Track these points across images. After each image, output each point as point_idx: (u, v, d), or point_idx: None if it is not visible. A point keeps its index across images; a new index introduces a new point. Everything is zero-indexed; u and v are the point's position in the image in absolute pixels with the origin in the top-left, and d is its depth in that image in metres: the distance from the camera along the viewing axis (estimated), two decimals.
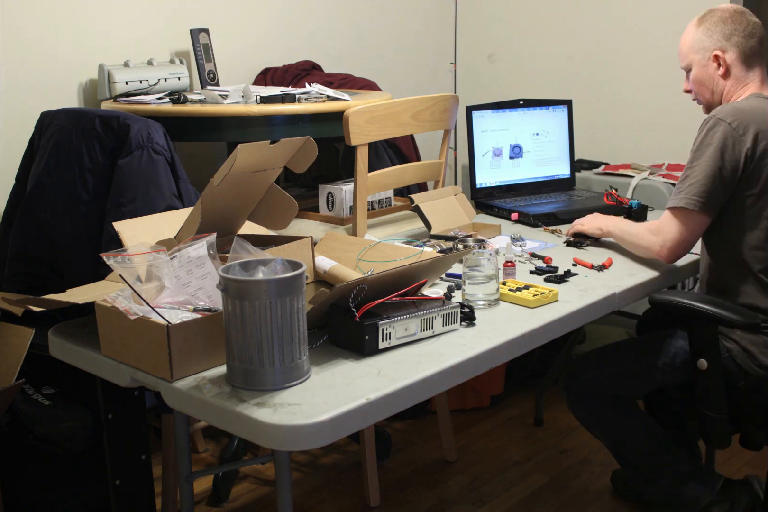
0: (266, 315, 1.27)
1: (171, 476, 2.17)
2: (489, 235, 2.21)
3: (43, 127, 2.14)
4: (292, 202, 1.80)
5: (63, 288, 1.60)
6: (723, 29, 1.90)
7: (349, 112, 2.06)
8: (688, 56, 1.96)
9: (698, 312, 1.80)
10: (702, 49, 1.92)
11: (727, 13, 1.91)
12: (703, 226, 1.85)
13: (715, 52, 1.90)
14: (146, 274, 1.43)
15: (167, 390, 1.37)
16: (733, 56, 1.90)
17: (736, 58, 1.90)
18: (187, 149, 2.72)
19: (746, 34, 1.89)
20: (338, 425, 1.24)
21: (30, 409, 1.89)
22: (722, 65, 1.90)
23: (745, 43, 1.89)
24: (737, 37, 1.89)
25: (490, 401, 2.93)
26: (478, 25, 3.66)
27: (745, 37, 1.89)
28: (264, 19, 2.99)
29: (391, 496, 2.40)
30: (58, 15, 2.44)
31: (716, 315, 1.78)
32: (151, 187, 1.99)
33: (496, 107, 2.61)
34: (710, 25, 1.91)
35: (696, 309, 1.80)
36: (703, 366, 1.82)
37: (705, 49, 1.92)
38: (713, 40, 1.90)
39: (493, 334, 1.54)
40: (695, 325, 1.84)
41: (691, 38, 1.94)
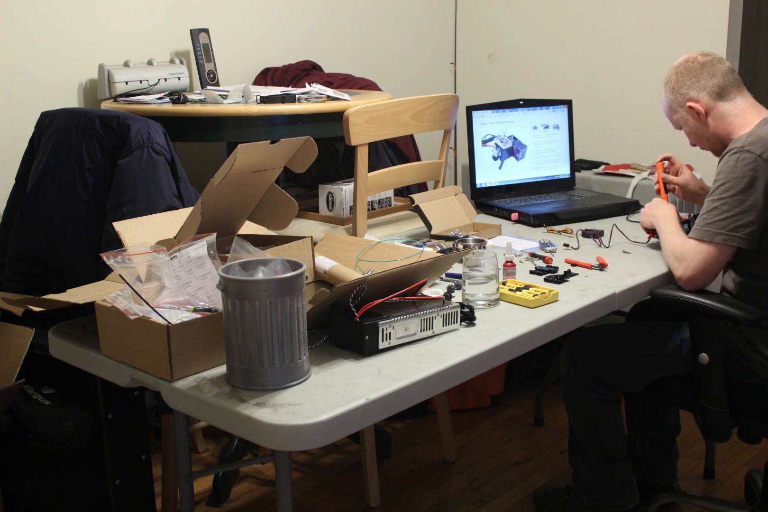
0: (266, 315, 1.27)
1: (171, 476, 2.17)
2: (489, 235, 2.21)
3: (43, 127, 2.14)
4: (292, 202, 1.80)
5: (63, 288, 1.60)
6: (684, 82, 1.96)
7: (349, 112, 2.06)
8: (672, 118, 2.04)
9: (700, 307, 1.81)
10: (677, 107, 1.99)
11: (681, 66, 1.98)
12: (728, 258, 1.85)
13: (687, 104, 1.95)
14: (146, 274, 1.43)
15: (167, 390, 1.36)
16: (706, 99, 1.94)
17: (709, 100, 1.94)
18: (187, 149, 2.72)
19: (707, 76, 1.94)
20: (338, 425, 1.24)
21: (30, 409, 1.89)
22: (699, 113, 1.94)
23: (709, 84, 1.93)
24: (699, 82, 1.94)
25: (490, 401, 2.93)
26: (478, 25, 3.66)
27: (708, 79, 1.94)
28: (264, 19, 2.99)
29: (391, 496, 2.40)
30: (59, 15, 2.44)
31: (718, 310, 1.79)
32: (151, 187, 1.99)
33: (496, 107, 2.61)
34: (673, 84, 1.99)
35: (698, 304, 1.81)
36: (705, 361, 1.83)
37: (679, 106, 1.99)
38: (680, 95, 1.97)
39: (493, 334, 1.54)
40: (697, 320, 1.85)
41: (665, 102, 2.03)
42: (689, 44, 3.10)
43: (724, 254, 1.82)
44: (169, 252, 1.44)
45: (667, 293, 1.86)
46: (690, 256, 1.83)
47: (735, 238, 1.79)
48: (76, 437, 1.84)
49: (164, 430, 2.14)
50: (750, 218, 1.79)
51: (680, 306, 1.87)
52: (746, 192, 1.79)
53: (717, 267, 1.83)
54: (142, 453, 1.90)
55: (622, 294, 1.81)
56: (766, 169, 1.79)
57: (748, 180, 1.79)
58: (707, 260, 1.82)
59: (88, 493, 1.94)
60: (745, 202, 1.79)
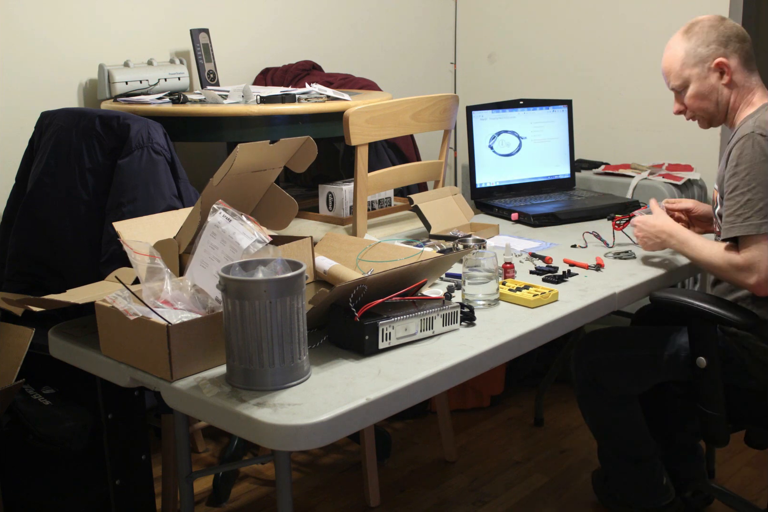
0: (266, 315, 1.27)
1: (171, 476, 2.17)
2: (487, 235, 2.21)
3: (43, 127, 2.14)
4: (292, 202, 1.80)
5: (63, 288, 1.60)
6: (717, 37, 1.82)
7: (349, 112, 2.06)
8: (683, 72, 1.87)
9: (698, 311, 1.80)
10: (700, 61, 1.84)
11: (714, 20, 1.85)
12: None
13: (717, 60, 1.82)
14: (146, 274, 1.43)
15: (167, 390, 1.37)
16: (735, 62, 1.83)
17: (738, 64, 1.83)
18: (187, 149, 2.72)
19: (740, 39, 1.83)
20: (338, 425, 1.24)
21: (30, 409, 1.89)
22: (726, 73, 1.83)
23: (741, 48, 1.83)
24: (734, 42, 1.82)
25: (490, 401, 2.93)
26: (478, 25, 3.66)
27: (740, 41, 1.83)
28: (264, 19, 2.99)
29: (391, 496, 2.40)
30: (58, 15, 2.44)
31: (716, 315, 1.78)
32: (151, 187, 1.99)
33: (496, 107, 2.61)
34: (702, 35, 1.83)
35: (696, 308, 1.80)
36: (702, 365, 1.83)
37: (703, 59, 1.84)
38: (710, 48, 1.82)
39: (493, 334, 1.54)
40: (695, 324, 1.85)
41: (683, 53, 1.86)
42: None
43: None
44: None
45: (665, 296, 1.85)
46: (751, 258, 1.70)
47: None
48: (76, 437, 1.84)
49: (164, 430, 2.14)
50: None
51: (677, 309, 1.86)
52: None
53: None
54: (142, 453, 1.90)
55: (621, 294, 1.81)
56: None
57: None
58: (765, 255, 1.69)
59: (88, 493, 1.94)
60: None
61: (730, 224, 1.74)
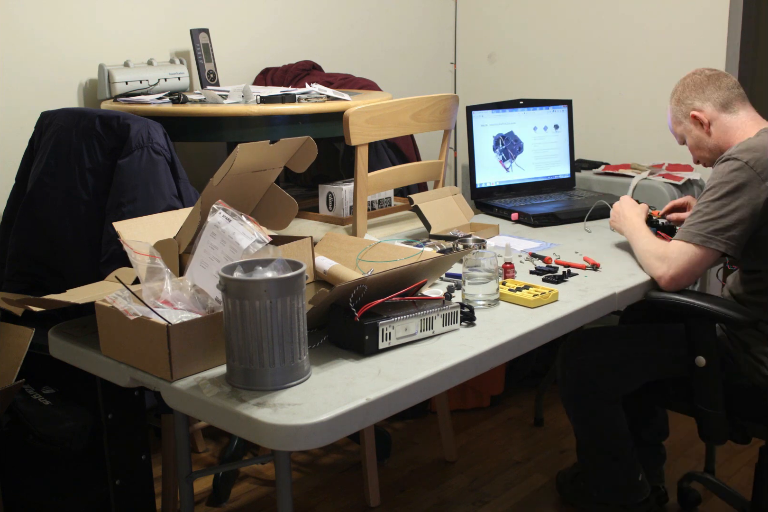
0: (266, 315, 1.27)
1: (171, 476, 2.17)
2: (487, 235, 2.21)
3: (43, 127, 2.14)
4: (292, 202, 1.80)
5: (63, 288, 1.60)
6: (690, 93, 1.97)
7: (349, 112, 2.06)
8: (676, 130, 2.04)
9: (697, 310, 1.81)
10: (682, 118, 2.00)
11: (688, 79, 2.00)
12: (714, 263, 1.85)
13: (691, 113, 1.96)
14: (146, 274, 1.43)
15: (167, 390, 1.37)
16: (710, 109, 1.95)
17: (713, 110, 1.95)
18: (187, 149, 2.72)
19: (713, 89, 1.96)
20: (338, 425, 1.24)
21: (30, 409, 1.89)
22: (703, 123, 1.95)
23: (715, 96, 1.95)
24: (704, 93, 1.96)
25: (490, 401, 2.93)
26: (478, 25, 3.66)
27: (713, 91, 1.95)
28: (264, 19, 2.99)
29: (391, 496, 2.40)
30: (58, 15, 2.44)
31: (715, 313, 1.80)
32: (151, 187, 1.99)
33: (496, 107, 2.61)
34: (678, 95, 2.00)
35: (695, 307, 1.81)
36: (701, 364, 1.84)
37: (683, 116, 2.00)
38: (686, 105, 1.98)
39: (493, 334, 1.54)
40: (693, 323, 1.85)
41: (671, 114, 2.04)
42: (689, 45, 3.10)
43: (707, 256, 1.80)
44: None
45: (662, 296, 1.86)
46: (674, 256, 1.82)
47: (713, 241, 1.79)
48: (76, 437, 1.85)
49: (164, 430, 2.14)
50: (729, 222, 1.78)
51: (676, 309, 1.87)
52: (729, 196, 1.79)
53: (699, 269, 1.82)
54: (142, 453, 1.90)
55: (622, 294, 1.81)
56: (752, 176, 1.78)
57: (733, 186, 1.79)
58: (691, 261, 1.80)
59: (88, 493, 1.94)
60: (727, 206, 1.79)
61: (681, 227, 1.87)
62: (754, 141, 1.85)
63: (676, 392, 1.99)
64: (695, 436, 2.01)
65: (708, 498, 2.32)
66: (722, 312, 1.80)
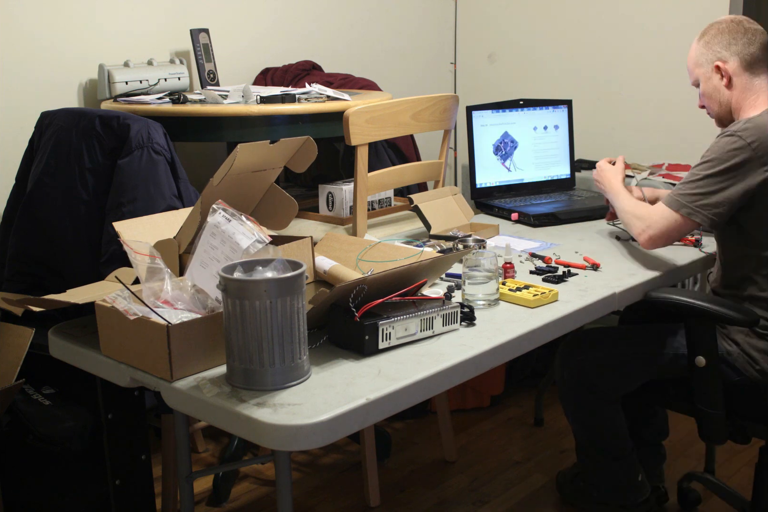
0: (266, 315, 1.27)
1: (171, 476, 2.17)
2: (487, 236, 2.21)
3: (43, 127, 2.14)
4: (292, 202, 1.80)
5: (63, 289, 1.60)
6: (721, 40, 1.91)
7: (349, 112, 2.06)
8: (694, 72, 1.98)
9: (697, 310, 1.81)
10: (704, 63, 1.94)
11: (724, 24, 1.93)
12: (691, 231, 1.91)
13: (715, 63, 1.91)
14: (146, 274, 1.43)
15: (167, 390, 1.37)
16: (735, 65, 1.89)
17: (737, 66, 1.89)
18: (187, 149, 2.72)
19: (745, 42, 1.89)
20: (338, 425, 1.24)
21: (30, 409, 1.89)
22: (724, 75, 1.90)
23: (745, 51, 1.89)
24: (736, 45, 1.89)
25: (490, 401, 2.93)
26: (478, 25, 3.66)
27: (745, 45, 1.89)
28: (264, 19, 2.99)
29: (391, 496, 2.40)
30: (59, 15, 2.44)
31: (716, 313, 1.80)
32: (151, 187, 1.99)
33: (496, 107, 2.61)
34: (709, 38, 1.93)
35: (695, 307, 1.81)
36: (701, 364, 1.84)
37: (706, 62, 1.93)
38: (713, 51, 1.91)
39: (493, 334, 1.54)
40: (693, 323, 1.85)
41: (693, 54, 1.97)
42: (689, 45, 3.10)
43: (687, 226, 1.85)
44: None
45: (662, 296, 1.86)
46: (655, 218, 1.87)
47: (699, 215, 1.81)
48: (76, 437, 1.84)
49: (164, 430, 2.14)
50: (719, 200, 1.80)
51: (676, 309, 1.87)
52: (723, 174, 1.80)
53: (677, 235, 1.88)
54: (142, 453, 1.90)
55: (622, 294, 1.81)
56: (752, 158, 1.78)
57: (729, 164, 1.80)
58: (670, 226, 1.85)
59: (88, 493, 1.94)
60: (721, 183, 1.80)
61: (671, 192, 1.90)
62: (762, 119, 1.83)
63: (676, 392, 1.99)
64: (695, 436, 2.01)
65: (708, 498, 2.32)
66: (722, 312, 1.80)
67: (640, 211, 1.93)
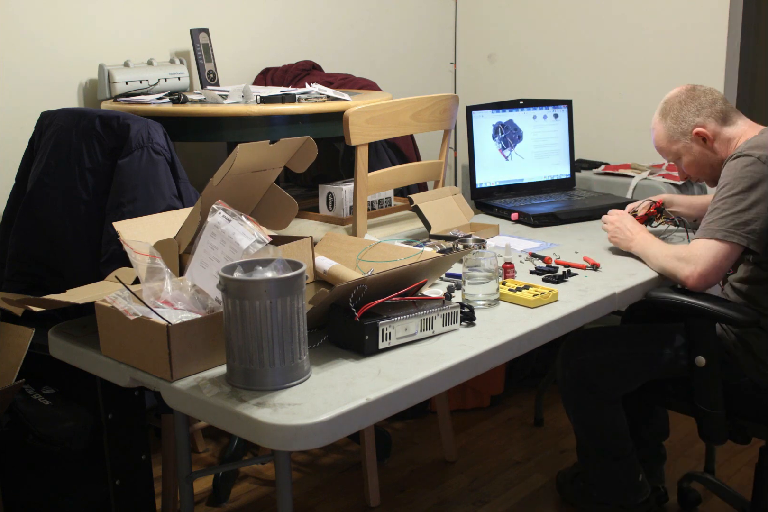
0: (266, 315, 1.27)
1: (171, 476, 2.17)
2: (487, 236, 2.21)
3: (43, 127, 2.14)
4: (292, 202, 1.80)
5: (63, 289, 1.60)
6: (689, 110, 1.95)
7: (349, 112, 2.06)
8: (672, 148, 2.00)
9: (696, 310, 1.81)
10: (681, 136, 1.97)
11: (683, 95, 1.98)
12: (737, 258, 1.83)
13: (695, 130, 1.94)
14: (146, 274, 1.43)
15: (167, 390, 1.37)
16: (713, 125, 1.94)
17: (716, 126, 1.94)
18: (187, 149, 2.72)
19: (709, 102, 1.95)
20: (338, 425, 1.24)
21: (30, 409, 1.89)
22: (707, 139, 1.94)
23: (714, 109, 1.94)
24: (705, 109, 1.95)
25: (490, 401, 2.93)
26: (478, 25, 3.66)
27: (710, 105, 1.95)
28: (264, 19, 2.99)
29: (391, 496, 2.40)
30: (59, 15, 2.44)
31: (716, 313, 1.80)
32: (151, 187, 1.99)
33: (496, 107, 2.61)
34: (675, 113, 1.97)
35: (695, 307, 1.81)
36: (701, 363, 1.84)
37: (683, 134, 1.97)
38: (686, 123, 1.95)
39: (493, 334, 1.54)
40: (694, 323, 1.85)
41: (664, 132, 1.99)
42: (689, 45, 3.11)
43: (731, 251, 1.80)
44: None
45: (662, 295, 1.86)
46: (698, 253, 1.80)
47: (735, 235, 1.79)
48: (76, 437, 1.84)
49: (164, 430, 2.14)
50: (749, 217, 1.79)
51: (676, 309, 1.87)
52: (746, 192, 1.80)
53: (725, 264, 1.80)
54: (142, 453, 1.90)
55: (622, 294, 1.81)
56: (766, 171, 1.79)
57: (748, 180, 1.80)
58: (716, 256, 1.79)
59: (88, 493, 1.94)
60: (745, 200, 1.79)
61: (700, 227, 1.86)
62: (760, 138, 1.86)
63: (676, 392, 1.99)
64: (695, 436, 2.01)
65: (708, 498, 2.32)
66: (722, 312, 1.80)
67: (681, 252, 1.84)
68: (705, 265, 1.79)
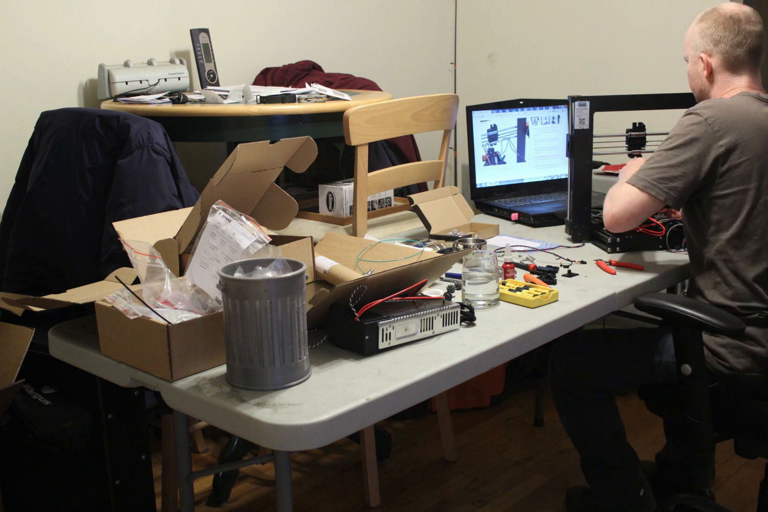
0: (266, 315, 1.27)
1: (171, 476, 2.17)
2: (487, 236, 2.21)
3: (43, 127, 2.14)
4: (292, 202, 1.80)
5: (63, 289, 1.60)
6: (713, 34, 1.90)
7: (349, 112, 2.06)
8: (686, 49, 1.99)
9: (681, 317, 1.76)
10: (694, 47, 1.95)
11: (723, 17, 1.90)
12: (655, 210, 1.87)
13: (700, 54, 1.93)
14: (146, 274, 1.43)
15: (167, 390, 1.37)
16: (717, 62, 1.91)
17: (719, 64, 1.92)
18: (187, 149, 2.72)
19: (734, 43, 1.89)
20: (338, 425, 1.24)
21: (30, 409, 1.89)
22: (706, 68, 1.93)
23: (730, 52, 1.90)
24: (724, 44, 1.90)
25: (490, 401, 2.93)
26: (478, 25, 3.66)
27: (732, 46, 1.89)
28: (264, 19, 2.99)
29: (391, 496, 2.40)
30: (59, 15, 2.44)
31: (699, 321, 1.74)
32: (151, 187, 1.99)
33: (496, 107, 2.61)
34: (705, 26, 1.92)
35: (680, 314, 1.76)
36: (687, 372, 1.79)
37: (696, 47, 1.95)
38: (703, 41, 1.92)
39: (493, 334, 1.54)
40: (680, 330, 1.81)
41: (690, 33, 1.97)
42: None
43: (647, 202, 1.83)
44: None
45: (649, 301, 1.81)
46: (618, 196, 1.86)
47: (655, 188, 1.81)
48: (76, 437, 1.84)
49: (164, 430, 2.14)
50: (675, 173, 1.80)
51: (660, 315, 1.84)
52: (680, 148, 1.81)
53: (638, 212, 1.85)
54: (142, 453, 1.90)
55: (622, 294, 1.81)
56: (707, 133, 1.79)
57: (686, 139, 1.81)
58: (631, 202, 1.83)
59: (88, 493, 1.94)
60: (676, 157, 1.81)
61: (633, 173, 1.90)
62: (723, 101, 1.86)
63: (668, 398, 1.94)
64: None
65: None
66: (705, 320, 1.73)
67: (612, 191, 1.92)
68: (619, 209, 1.85)
